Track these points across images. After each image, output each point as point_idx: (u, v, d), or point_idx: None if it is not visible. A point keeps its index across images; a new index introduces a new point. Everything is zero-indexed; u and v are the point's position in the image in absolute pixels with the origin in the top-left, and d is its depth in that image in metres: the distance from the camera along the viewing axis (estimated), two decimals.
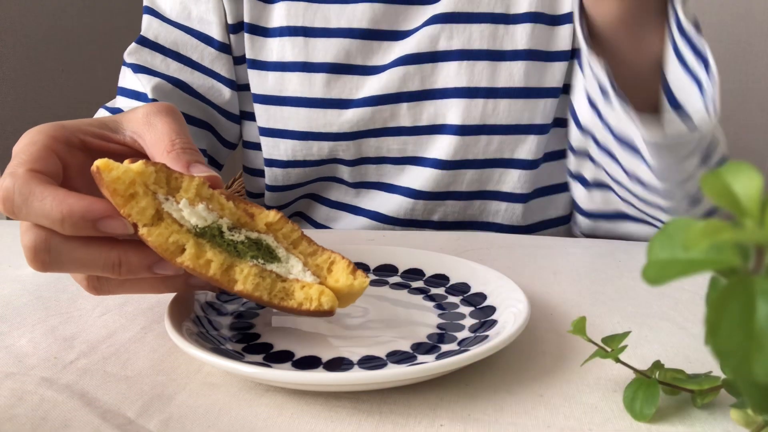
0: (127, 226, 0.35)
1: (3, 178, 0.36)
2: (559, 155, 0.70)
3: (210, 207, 0.38)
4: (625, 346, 0.34)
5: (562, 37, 0.64)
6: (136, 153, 0.41)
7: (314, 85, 0.65)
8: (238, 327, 0.42)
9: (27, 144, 0.38)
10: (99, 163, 0.35)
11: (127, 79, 0.67)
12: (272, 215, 0.40)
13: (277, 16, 0.66)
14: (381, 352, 0.38)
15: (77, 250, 0.36)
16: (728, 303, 0.17)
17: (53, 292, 0.49)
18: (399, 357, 0.38)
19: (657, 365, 0.34)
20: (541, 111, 0.65)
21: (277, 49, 0.66)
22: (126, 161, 0.36)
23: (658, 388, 0.32)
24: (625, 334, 0.34)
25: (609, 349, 0.34)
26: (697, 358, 0.38)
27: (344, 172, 0.70)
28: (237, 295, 0.38)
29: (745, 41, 1.63)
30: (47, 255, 0.35)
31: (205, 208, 0.37)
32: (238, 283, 0.37)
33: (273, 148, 0.69)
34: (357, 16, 0.64)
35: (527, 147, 0.66)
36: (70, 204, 0.34)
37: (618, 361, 0.34)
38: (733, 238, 0.17)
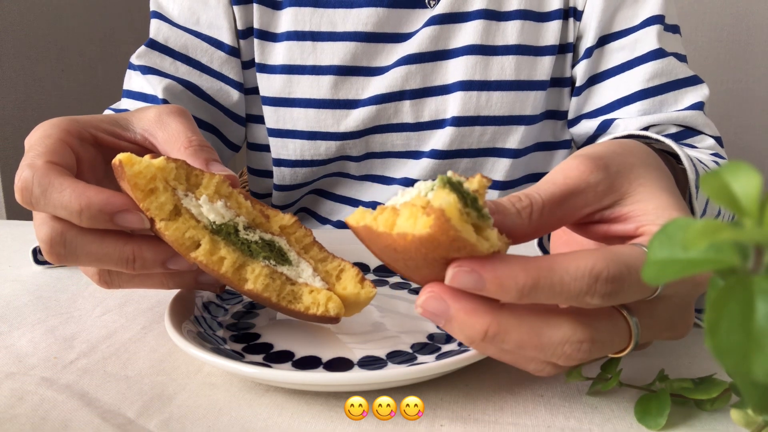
0: (143, 220, 0.36)
1: (21, 170, 0.36)
2: (549, 146, 0.73)
3: (228, 205, 0.38)
4: (620, 371, 0.34)
5: (549, 33, 0.67)
6: (146, 151, 0.42)
7: (322, 87, 0.67)
8: (238, 327, 0.42)
9: (42, 137, 0.38)
10: (121, 156, 0.35)
11: (134, 81, 0.68)
12: (287, 218, 0.40)
13: (284, 22, 0.68)
14: (381, 352, 0.38)
15: (92, 244, 0.36)
16: (727, 303, 0.17)
17: (53, 292, 0.49)
18: (399, 357, 0.38)
19: (662, 376, 0.34)
20: (531, 103, 0.68)
21: (284, 53, 0.68)
22: (146, 156, 0.36)
23: (669, 399, 0.32)
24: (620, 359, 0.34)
25: (609, 376, 0.34)
26: (700, 360, 0.38)
27: (351, 167, 0.72)
28: (246, 295, 0.38)
29: (745, 41, 1.63)
30: (63, 248, 0.36)
31: (224, 206, 0.38)
32: (248, 282, 0.37)
33: (282, 148, 0.70)
34: (362, 21, 0.66)
35: (515, 137, 0.69)
36: (89, 196, 0.35)
37: (621, 384, 0.34)
38: (732, 237, 0.17)
